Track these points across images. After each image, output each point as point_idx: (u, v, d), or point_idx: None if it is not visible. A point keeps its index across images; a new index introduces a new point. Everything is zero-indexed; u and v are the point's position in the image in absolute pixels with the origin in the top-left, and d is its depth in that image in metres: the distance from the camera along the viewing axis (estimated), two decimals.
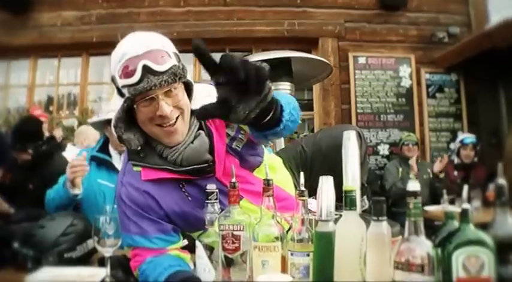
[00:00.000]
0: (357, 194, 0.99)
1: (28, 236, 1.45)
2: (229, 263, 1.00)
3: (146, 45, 1.10)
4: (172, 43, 1.20)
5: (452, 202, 1.06)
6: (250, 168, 1.30)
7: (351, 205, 0.95)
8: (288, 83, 2.88)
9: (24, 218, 1.69)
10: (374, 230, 0.93)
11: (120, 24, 4.69)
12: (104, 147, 2.08)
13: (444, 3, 5.17)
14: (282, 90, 2.68)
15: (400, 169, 4.19)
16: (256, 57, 2.91)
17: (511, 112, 4.45)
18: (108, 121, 2.00)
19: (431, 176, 4.12)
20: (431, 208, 3.15)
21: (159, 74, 1.09)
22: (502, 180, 0.94)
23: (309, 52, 5.22)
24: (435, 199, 3.61)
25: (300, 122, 1.18)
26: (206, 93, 1.23)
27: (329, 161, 1.40)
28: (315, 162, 1.51)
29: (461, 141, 4.28)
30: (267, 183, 1.02)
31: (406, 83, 5.08)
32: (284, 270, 0.98)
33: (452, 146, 4.66)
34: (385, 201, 0.96)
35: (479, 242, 0.81)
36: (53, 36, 4.93)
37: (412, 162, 4.03)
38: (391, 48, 5.11)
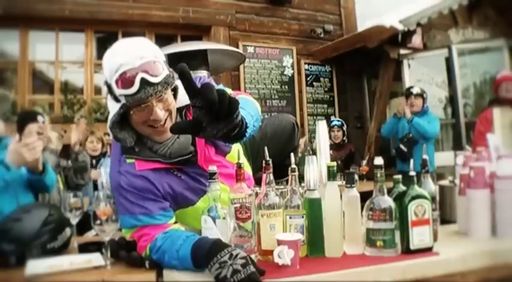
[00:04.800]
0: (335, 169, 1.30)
1: (3, 231, 1.36)
2: (240, 230, 1.20)
3: (141, 57, 1.19)
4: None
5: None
6: (223, 154, 1.51)
7: (333, 176, 1.27)
8: (205, 72, 3.09)
9: None
10: (348, 193, 1.27)
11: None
12: None
13: (321, 3, 5.86)
14: None
15: None
16: (176, 48, 3.02)
17: (372, 100, 5.38)
18: None
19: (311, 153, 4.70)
20: None
21: (155, 85, 1.20)
22: (425, 156, 1.38)
23: (201, 39, 5.41)
24: None
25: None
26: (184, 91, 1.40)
27: (273, 144, 1.69)
28: (262, 145, 1.80)
29: (329, 125, 5.00)
30: (267, 162, 1.27)
31: (288, 72, 5.66)
32: (284, 231, 1.25)
33: None
34: (354, 173, 1.31)
35: (422, 196, 1.22)
36: None
37: (301, 141, 4.56)
38: (276, 39, 5.61)
